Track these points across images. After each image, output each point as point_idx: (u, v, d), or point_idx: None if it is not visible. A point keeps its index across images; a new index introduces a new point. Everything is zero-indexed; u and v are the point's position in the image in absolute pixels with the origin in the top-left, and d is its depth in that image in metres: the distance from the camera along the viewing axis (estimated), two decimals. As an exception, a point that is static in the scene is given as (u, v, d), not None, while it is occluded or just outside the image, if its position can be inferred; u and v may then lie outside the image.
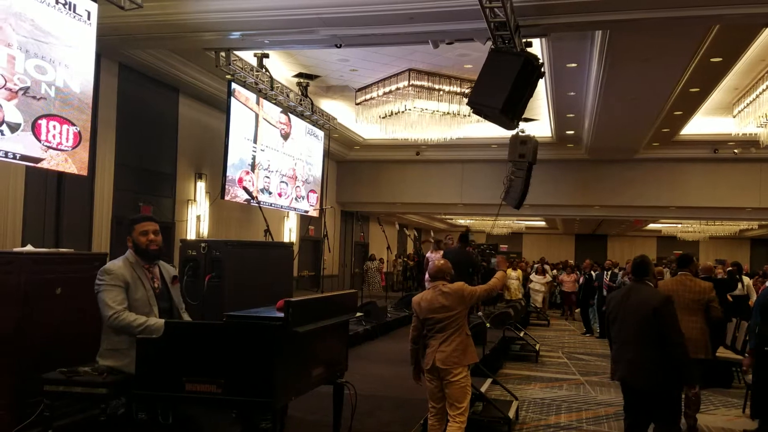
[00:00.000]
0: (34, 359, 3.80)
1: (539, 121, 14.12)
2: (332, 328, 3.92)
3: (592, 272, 14.75)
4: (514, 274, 17.38)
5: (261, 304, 3.89)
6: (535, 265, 18.49)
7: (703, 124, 13.76)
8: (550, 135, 15.02)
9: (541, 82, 10.56)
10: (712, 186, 16.18)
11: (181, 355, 3.29)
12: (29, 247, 4.14)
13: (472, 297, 4.68)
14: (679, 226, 27.57)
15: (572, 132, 14.64)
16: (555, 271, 19.87)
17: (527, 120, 13.48)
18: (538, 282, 17.34)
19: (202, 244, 5.30)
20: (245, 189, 9.67)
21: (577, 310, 16.70)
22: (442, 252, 10.45)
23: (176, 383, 3.23)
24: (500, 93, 7.24)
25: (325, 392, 4.28)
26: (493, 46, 7.48)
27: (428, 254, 11.84)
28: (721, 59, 9.28)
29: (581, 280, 15.48)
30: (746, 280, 11.36)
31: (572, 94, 11.61)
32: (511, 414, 6.15)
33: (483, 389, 6.35)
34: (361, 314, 9.41)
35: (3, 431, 3.77)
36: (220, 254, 5.27)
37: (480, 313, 11.01)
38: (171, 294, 3.97)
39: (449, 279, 4.71)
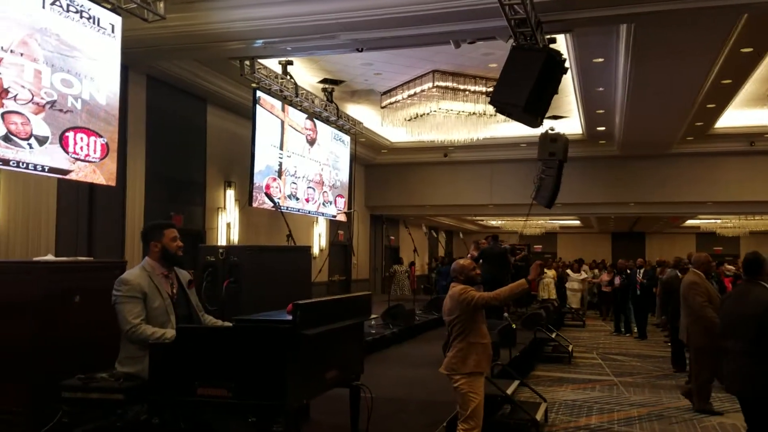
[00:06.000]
0: (53, 366, 3.86)
1: (569, 119, 13.92)
2: (345, 330, 3.91)
3: (628, 270, 14.42)
4: (550, 273, 17.14)
5: (279, 308, 3.90)
6: (573, 263, 18.09)
7: (737, 116, 13.37)
8: (580, 132, 14.79)
9: (569, 79, 10.40)
10: (750, 179, 15.69)
11: (192, 359, 3.31)
12: (49, 257, 4.22)
13: (469, 303, 4.36)
14: (718, 221, 26.85)
15: (603, 128, 14.39)
16: (596, 270, 19.35)
17: (556, 117, 13.30)
18: (575, 280, 16.97)
19: (220, 250, 5.35)
20: (268, 196, 9.75)
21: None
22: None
23: (188, 388, 3.26)
24: (523, 90, 7.12)
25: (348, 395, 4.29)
26: (514, 44, 7.39)
27: (471, 253, 11.81)
28: (752, 49, 9.01)
29: (617, 280, 15.05)
30: None
31: (601, 89, 11.40)
32: (539, 416, 6.05)
33: (510, 391, 6.25)
34: (376, 316, 9.35)
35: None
36: (238, 259, 5.31)
37: (506, 315, 10.87)
38: (189, 299, 3.98)
39: (461, 280, 4.58)
